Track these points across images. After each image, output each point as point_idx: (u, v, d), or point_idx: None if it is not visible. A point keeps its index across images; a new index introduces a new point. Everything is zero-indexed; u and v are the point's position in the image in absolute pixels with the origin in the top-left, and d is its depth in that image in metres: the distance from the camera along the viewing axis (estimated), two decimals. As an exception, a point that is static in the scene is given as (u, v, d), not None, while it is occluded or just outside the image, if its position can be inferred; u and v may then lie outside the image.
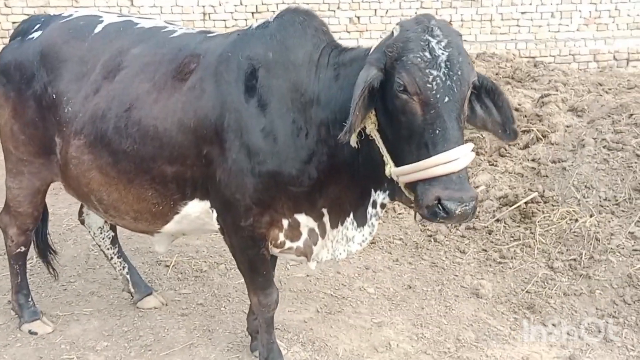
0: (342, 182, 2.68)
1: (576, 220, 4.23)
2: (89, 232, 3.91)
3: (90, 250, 4.71)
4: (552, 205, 4.44)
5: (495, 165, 5.12)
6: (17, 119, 3.22)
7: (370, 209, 2.72)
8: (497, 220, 4.54)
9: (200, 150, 2.75)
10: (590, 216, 4.23)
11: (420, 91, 2.18)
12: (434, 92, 2.17)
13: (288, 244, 2.87)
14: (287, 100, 2.64)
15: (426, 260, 4.42)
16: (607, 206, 4.31)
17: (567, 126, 5.19)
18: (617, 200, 4.32)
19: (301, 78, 2.63)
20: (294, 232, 2.83)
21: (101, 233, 3.85)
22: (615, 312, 3.60)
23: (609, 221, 4.15)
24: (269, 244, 2.88)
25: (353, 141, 2.46)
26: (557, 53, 9.87)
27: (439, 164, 2.15)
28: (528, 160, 5.05)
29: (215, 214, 2.87)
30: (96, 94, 2.95)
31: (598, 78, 7.42)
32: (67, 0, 8.95)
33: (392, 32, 2.33)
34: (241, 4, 9.43)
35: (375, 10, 9.63)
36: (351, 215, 2.77)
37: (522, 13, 9.86)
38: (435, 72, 2.17)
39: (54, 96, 3.04)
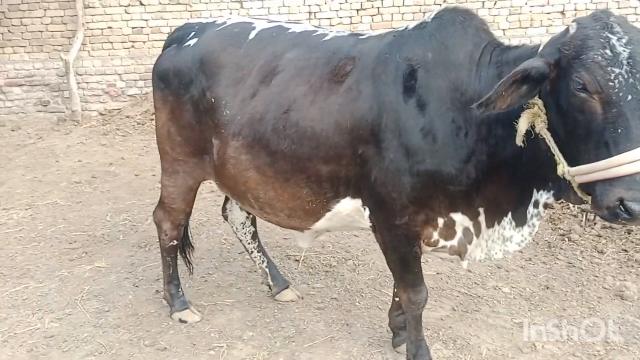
0: (502, 181, 2.67)
1: None
2: (232, 227, 4.10)
3: (222, 244, 4.95)
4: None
5: None
6: (175, 122, 3.42)
7: (531, 209, 2.68)
8: (637, 219, 4.34)
9: (356, 150, 2.82)
10: None
11: (602, 90, 2.13)
12: (616, 90, 2.12)
13: (442, 242, 2.89)
14: (447, 99, 2.65)
15: (561, 260, 4.31)
16: None
17: None
18: None
19: (461, 77, 2.64)
20: (449, 230, 2.85)
21: (243, 228, 4.03)
22: None
23: None
24: (422, 242, 2.91)
25: (519, 140, 2.44)
26: None
27: (623, 164, 2.09)
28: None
29: (367, 212, 2.93)
30: (253, 98, 3.08)
31: None
32: (182, 5, 9.38)
33: (568, 29, 2.29)
34: (346, 1, 9.50)
35: (483, 2, 9.41)
36: (509, 214, 2.74)
37: None
38: (617, 70, 2.12)
39: (213, 100, 3.20)
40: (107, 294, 4.13)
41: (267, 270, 4.05)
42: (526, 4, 9.45)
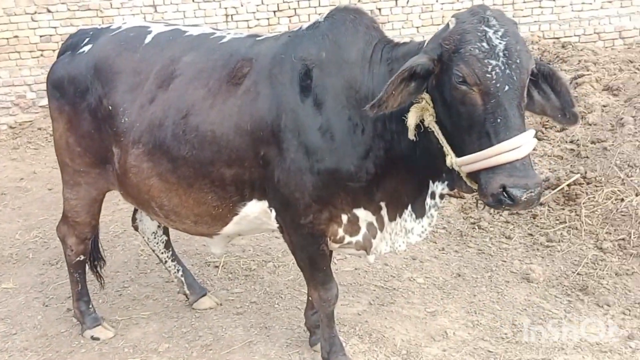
0: (400, 175, 2.73)
1: (622, 200, 4.22)
2: (143, 237, 4.01)
3: (139, 255, 4.82)
4: (596, 186, 4.44)
5: (534, 149, 5.10)
6: (73, 132, 3.31)
7: (428, 200, 2.76)
8: (541, 204, 4.55)
9: (258, 151, 2.81)
10: (637, 195, 4.23)
11: (480, 81, 2.22)
12: (493, 81, 2.20)
13: (347, 238, 2.92)
14: (342, 97, 2.69)
15: (472, 248, 4.45)
16: (653, 184, 4.30)
17: (604, 106, 5.17)
18: (663, 178, 4.32)
19: (355, 75, 2.68)
20: (353, 226, 2.89)
21: (155, 238, 3.94)
22: (671, 290, 3.61)
23: (657, 201, 4.14)
24: (329, 239, 2.93)
25: (411, 134, 2.50)
26: (582, 32, 9.75)
27: (503, 152, 2.19)
28: (567, 142, 5.05)
29: (274, 213, 2.94)
30: (152, 103, 3.02)
31: (627, 55, 7.35)
32: (92, 11, 9.09)
33: (448, 25, 2.37)
34: (262, 3, 9.47)
35: (397, 1, 9.61)
36: (409, 207, 2.81)
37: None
38: (494, 62, 2.20)
39: (110, 108, 3.12)
40: (15, 316, 3.95)
41: (182, 279, 3.98)
42: (437, 1, 9.72)
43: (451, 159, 2.41)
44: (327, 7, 9.55)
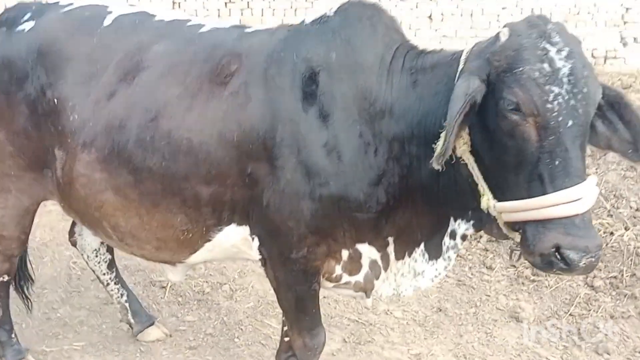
0: (415, 207, 2.28)
1: (612, 234, 3.97)
2: (82, 255, 3.38)
3: (71, 269, 4.16)
4: (581, 217, 4.17)
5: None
6: (4, 127, 2.66)
7: (447, 240, 2.32)
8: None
9: (244, 168, 2.30)
10: (626, 229, 3.99)
11: (538, 112, 1.77)
12: (555, 113, 1.76)
13: (346, 277, 2.45)
14: (354, 110, 2.22)
15: (451, 278, 4.07)
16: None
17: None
18: (651, 209, 4.10)
19: (370, 84, 2.22)
20: (354, 264, 2.42)
21: (97, 256, 3.32)
22: (670, 337, 3.36)
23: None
24: (322, 277, 2.46)
25: (437, 163, 2.03)
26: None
27: (560, 203, 1.74)
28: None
29: (256, 243, 2.43)
30: (111, 99, 2.44)
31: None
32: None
33: (498, 36, 1.92)
34: (214, -8, 8.86)
35: None
36: (422, 245, 2.37)
37: (503, 8, 9.67)
38: (556, 89, 1.76)
39: (55, 101, 2.51)
40: None
41: (127, 305, 3.39)
42: (396, 6, 9.41)
43: (488, 201, 1.97)
44: (281, 3, 9.07)
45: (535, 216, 1.79)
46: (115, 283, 3.38)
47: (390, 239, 2.37)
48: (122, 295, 3.39)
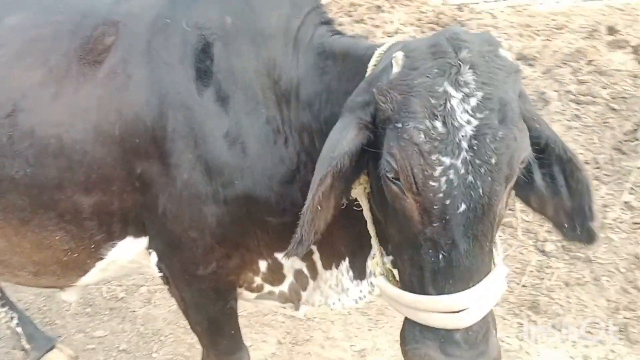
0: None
1: (559, 191, 3.67)
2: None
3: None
4: (526, 174, 3.87)
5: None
6: None
7: (370, 263, 1.90)
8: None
9: (132, 169, 1.81)
10: (574, 185, 3.69)
11: (418, 191, 1.28)
12: (440, 195, 1.26)
13: (268, 287, 2.03)
14: (257, 89, 1.76)
15: (394, 254, 3.71)
16: (588, 170, 3.79)
17: (522, 78, 4.62)
18: (598, 163, 3.82)
19: (274, 56, 1.74)
20: (275, 275, 1.98)
21: (-28, 278, 2.74)
22: (630, 302, 3.10)
23: (597, 189, 3.63)
24: (242, 288, 2.02)
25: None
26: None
27: (436, 311, 1.32)
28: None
29: (154, 258, 1.96)
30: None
31: (525, 19, 6.95)
32: None
33: (391, 63, 1.37)
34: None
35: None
36: (347, 260, 1.94)
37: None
38: (447, 160, 1.24)
39: None
40: None
41: (17, 329, 2.85)
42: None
43: (379, 257, 1.58)
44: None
45: (410, 315, 1.38)
46: (1, 306, 2.83)
47: (314, 247, 1.93)
48: (11, 319, 2.85)
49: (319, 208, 1.38)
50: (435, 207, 1.26)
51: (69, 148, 1.81)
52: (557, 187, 1.42)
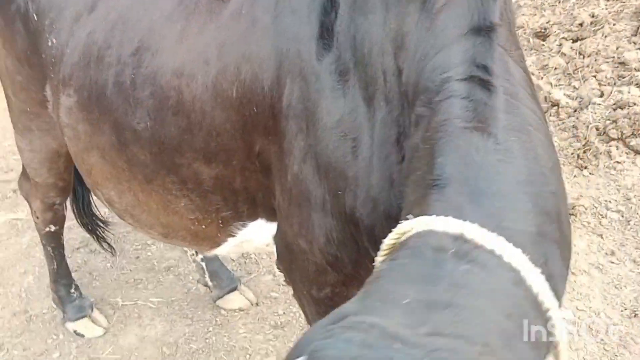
0: None
1: None
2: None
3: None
4: None
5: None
6: (9, 50, 2.05)
7: None
8: None
9: (252, 144, 1.42)
10: None
11: None
12: None
13: None
14: (378, 69, 1.18)
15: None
16: None
17: None
18: None
19: (409, 27, 1.13)
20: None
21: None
22: None
23: None
24: None
25: None
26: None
27: None
28: None
29: (275, 254, 1.60)
30: (91, 14, 1.65)
31: None
32: None
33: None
34: None
35: None
36: None
37: None
38: None
39: (35, 17, 1.79)
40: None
41: (203, 264, 2.81)
42: None
43: None
44: None
45: None
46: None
47: None
48: (196, 252, 2.77)
49: None
50: None
51: (188, 105, 1.47)
52: None
